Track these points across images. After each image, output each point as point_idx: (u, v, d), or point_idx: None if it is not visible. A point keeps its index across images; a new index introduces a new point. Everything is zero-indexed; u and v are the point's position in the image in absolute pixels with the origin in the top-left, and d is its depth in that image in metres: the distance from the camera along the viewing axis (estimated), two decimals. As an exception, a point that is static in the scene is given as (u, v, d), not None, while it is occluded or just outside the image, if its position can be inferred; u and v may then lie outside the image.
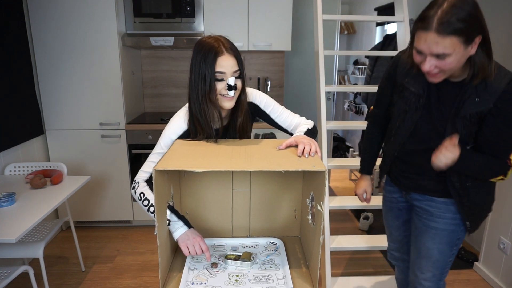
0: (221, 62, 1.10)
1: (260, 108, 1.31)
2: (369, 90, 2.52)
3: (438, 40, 1.02)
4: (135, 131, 2.79)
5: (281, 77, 3.45)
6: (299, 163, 0.98)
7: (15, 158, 2.43)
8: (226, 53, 1.11)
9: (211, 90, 1.13)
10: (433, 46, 1.04)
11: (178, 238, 1.11)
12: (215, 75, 1.11)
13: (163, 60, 3.30)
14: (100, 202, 2.91)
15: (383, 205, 1.60)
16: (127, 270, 2.42)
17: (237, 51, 1.15)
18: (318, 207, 1.00)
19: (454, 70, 1.10)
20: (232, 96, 1.15)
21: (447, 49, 1.03)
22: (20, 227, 1.52)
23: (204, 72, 1.11)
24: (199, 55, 1.12)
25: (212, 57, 1.10)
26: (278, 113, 1.32)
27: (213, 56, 1.10)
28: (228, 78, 1.13)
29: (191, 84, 1.15)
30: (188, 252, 1.10)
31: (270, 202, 1.30)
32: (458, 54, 1.04)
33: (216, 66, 1.10)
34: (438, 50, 1.03)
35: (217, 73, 1.11)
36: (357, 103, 4.78)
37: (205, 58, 1.10)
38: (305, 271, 1.13)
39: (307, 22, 3.80)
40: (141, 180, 1.21)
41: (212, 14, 2.85)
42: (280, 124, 1.33)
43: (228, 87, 1.13)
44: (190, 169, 0.92)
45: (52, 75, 2.66)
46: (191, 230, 1.14)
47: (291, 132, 1.34)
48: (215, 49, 1.10)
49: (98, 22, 2.60)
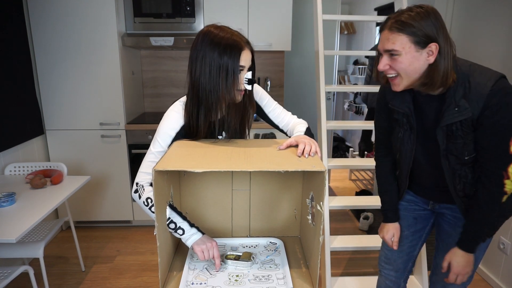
0: (243, 56, 1.12)
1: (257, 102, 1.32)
2: (369, 90, 2.52)
3: (389, 36, 1.08)
4: (135, 131, 2.79)
5: (281, 77, 3.45)
6: (299, 163, 0.98)
7: (15, 158, 2.43)
8: (246, 48, 1.13)
9: (235, 82, 1.13)
10: (384, 42, 1.10)
11: (194, 243, 1.11)
12: (239, 68, 1.13)
13: (163, 60, 3.30)
14: (100, 202, 2.91)
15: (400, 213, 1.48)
16: (127, 270, 2.42)
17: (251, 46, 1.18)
18: (318, 207, 1.00)
19: (411, 76, 1.10)
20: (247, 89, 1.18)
21: (396, 46, 1.07)
22: (20, 227, 1.52)
23: (228, 65, 1.10)
24: (219, 48, 1.10)
25: (236, 51, 1.11)
26: (271, 108, 1.33)
27: (238, 50, 1.11)
28: (247, 73, 1.15)
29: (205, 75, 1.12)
30: (203, 257, 1.10)
31: (270, 202, 1.30)
32: (408, 54, 1.06)
33: (240, 60, 1.12)
34: (388, 46, 1.08)
35: (240, 66, 1.13)
36: (357, 103, 4.78)
37: (229, 51, 1.10)
38: (305, 271, 1.13)
39: (307, 22, 3.80)
40: (145, 184, 1.17)
41: (212, 14, 2.85)
42: (272, 120, 1.34)
43: (247, 81, 1.15)
44: (190, 169, 0.92)
45: (52, 75, 2.66)
46: (205, 236, 1.14)
47: (282, 128, 1.35)
48: (239, 44, 1.11)
49: (98, 22, 2.60)
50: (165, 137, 1.18)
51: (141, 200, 1.14)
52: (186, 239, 1.11)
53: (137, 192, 1.16)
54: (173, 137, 1.19)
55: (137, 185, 1.17)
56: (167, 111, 1.22)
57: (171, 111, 1.20)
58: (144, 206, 1.14)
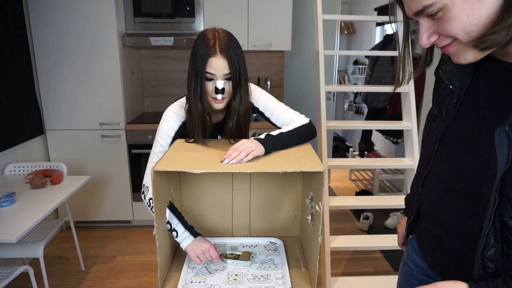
0: (211, 63, 1.09)
1: (254, 105, 1.29)
2: (369, 90, 2.52)
3: None
4: (135, 131, 2.79)
5: (281, 77, 3.45)
6: (298, 164, 0.98)
7: (15, 158, 2.43)
8: (219, 54, 1.08)
9: (202, 88, 1.12)
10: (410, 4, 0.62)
11: (187, 248, 1.10)
12: (205, 75, 1.10)
13: (163, 60, 3.31)
14: (100, 202, 2.91)
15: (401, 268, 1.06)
16: (127, 270, 2.42)
17: (232, 53, 1.10)
18: (317, 207, 1.00)
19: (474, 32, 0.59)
20: (221, 99, 1.14)
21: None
22: (20, 227, 1.52)
23: (198, 68, 1.10)
24: (196, 47, 1.10)
25: (203, 56, 1.08)
26: (271, 111, 1.27)
27: (205, 55, 1.08)
28: (217, 81, 1.11)
29: (188, 75, 1.14)
30: (199, 262, 1.09)
31: (270, 202, 1.30)
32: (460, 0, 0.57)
33: (207, 66, 1.09)
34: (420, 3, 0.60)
35: (207, 73, 1.10)
36: (357, 103, 4.78)
37: (199, 53, 1.09)
38: (304, 271, 1.13)
39: (307, 22, 3.80)
40: (150, 185, 1.17)
41: (212, 14, 2.85)
42: (274, 122, 1.28)
43: (216, 90, 1.11)
44: (189, 170, 0.92)
45: (52, 75, 2.66)
46: (199, 238, 1.11)
47: None
48: (209, 48, 1.08)
49: (98, 22, 2.60)
50: (165, 137, 1.20)
51: (145, 201, 1.16)
52: (179, 242, 1.11)
53: (143, 193, 1.17)
54: (173, 137, 1.21)
55: (143, 186, 1.19)
56: (165, 112, 1.23)
57: (168, 111, 1.22)
58: (147, 206, 1.15)
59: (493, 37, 0.57)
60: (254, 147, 1.02)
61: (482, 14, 0.57)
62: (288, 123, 1.23)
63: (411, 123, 2.15)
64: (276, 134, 1.11)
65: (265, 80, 3.40)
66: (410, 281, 0.98)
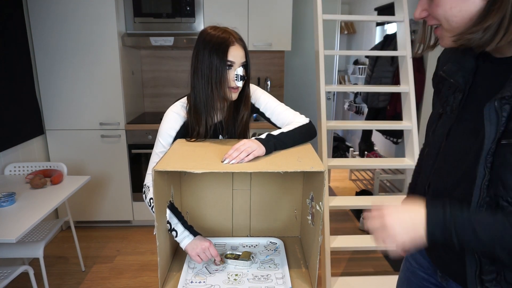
0: (232, 52, 1.14)
1: (254, 105, 1.31)
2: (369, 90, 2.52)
3: None
4: (135, 131, 2.79)
5: (281, 77, 3.45)
6: (298, 164, 0.98)
7: (15, 158, 2.43)
8: (236, 43, 1.15)
9: (222, 79, 1.14)
10: None
11: (187, 247, 1.11)
12: (226, 64, 1.14)
13: (163, 60, 3.30)
14: (100, 202, 2.91)
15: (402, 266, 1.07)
16: (127, 270, 2.42)
17: (244, 43, 1.19)
18: (317, 207, 1.00)
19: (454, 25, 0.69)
20: (239, 86, 1.18)
21: None
22: (20, 227, 1.52)
23: (216, 62, 1.13)
24: (209, 45, 1.13)
25: (224, 47, 1.12)
26: (271, 111, 1.28)
27: (225, 46, 1.13)
28: (237, 68, 1.16)
29: (198, 74, 1.16)
30: (200, 260, 1.10)
31: (270, 202, 1.30)
32: None
33: (228, 55, 1.13)
34: None
35: (228, 61, 1.14)
36: (357, 103, 4.78)
37: (216, 48, 1.12)
38: (305, 271, 1.13)
39: (307, 22, 3.80)
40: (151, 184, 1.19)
41: (212, 14, 2.85)
42: (274, 123, 1.30)
43: (237, 77, 1.16)
44: (190, 170, 0.92)
45: (52, 75, 2.66)
46: (198, 237, 1.13)
47: None
48: (227, 40, 1.13)
49: (98, 22, 2.60)
50: (166, 137, 1.21)
51: (146, 201, 1.17)
52: (179, 242, 1.12)
53: (144, 193, 1.19)
54: (174, 137, 1.21)
55: (145, 186, 1.20)
56: (166, 112, 1.24)
57: (170, 111, 1.23)
58: (148, 206, 1.15)
59: (470, 37, 0.66)
60: (255, 147, 1.02)
61: (463, 10, 0.66)
62: (289, 123, 1.24)
63: (411, 123, 2.15)
64: (277, 134, 1.12)
65: (265, 80, 3.40)
66: (410, 278, 1.01)
